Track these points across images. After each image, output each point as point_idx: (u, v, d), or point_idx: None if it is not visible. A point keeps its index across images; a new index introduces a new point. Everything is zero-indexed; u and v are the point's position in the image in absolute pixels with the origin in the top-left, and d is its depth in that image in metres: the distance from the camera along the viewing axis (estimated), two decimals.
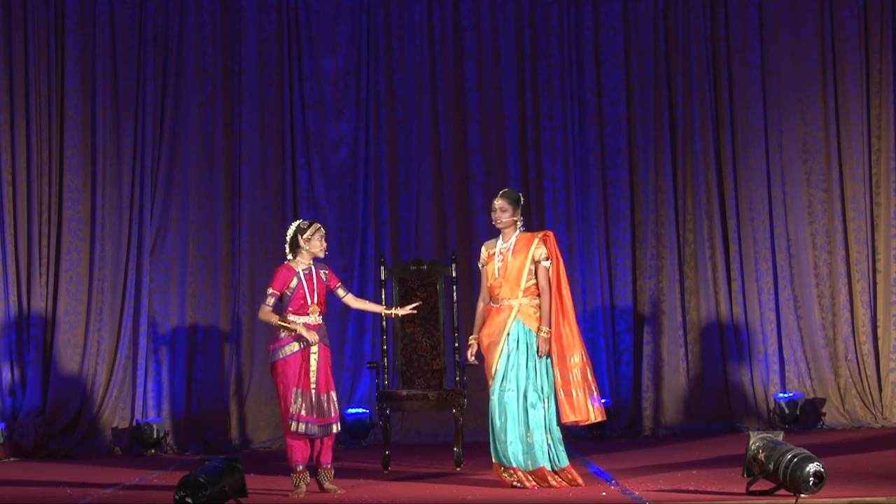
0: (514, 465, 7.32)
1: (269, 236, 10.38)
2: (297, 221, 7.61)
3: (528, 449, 7.31)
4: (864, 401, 10.18)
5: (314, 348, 7.40)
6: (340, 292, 7.63)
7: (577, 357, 7.41)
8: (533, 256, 7.46)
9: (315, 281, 7.48)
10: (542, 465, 7.30)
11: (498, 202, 7.53)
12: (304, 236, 7.47)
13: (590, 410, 7.38)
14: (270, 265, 10.33)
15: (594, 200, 10.48)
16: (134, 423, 9.99)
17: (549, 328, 7.40)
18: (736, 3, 10.52)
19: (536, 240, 7.50)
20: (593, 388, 7.43)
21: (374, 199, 10.44)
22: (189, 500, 6.48)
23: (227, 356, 10.27)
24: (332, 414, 7.44)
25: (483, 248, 7.70)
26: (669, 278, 10.40)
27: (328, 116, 10.51)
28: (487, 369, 7.48)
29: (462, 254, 10.17)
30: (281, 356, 7.40)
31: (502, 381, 7.39)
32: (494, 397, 7.40)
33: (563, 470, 7.39)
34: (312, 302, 7.44)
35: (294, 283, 7.45)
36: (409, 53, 10.53)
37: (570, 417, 7.36)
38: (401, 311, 7.86)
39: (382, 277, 8.92)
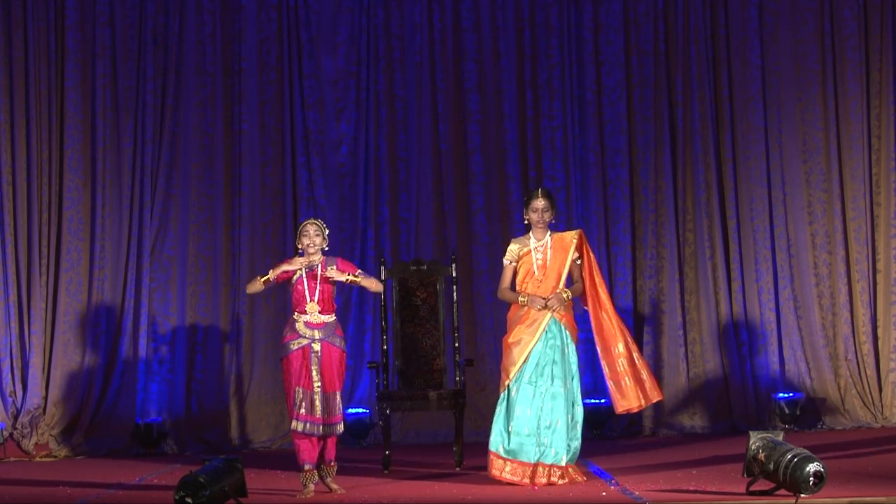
0: (523, 459, 7.34)
1: (269, 236, 10.38)
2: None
3: (542, 443, 7.34)
4: (864, 401, 10.18)
5: (315, 346, 7.37)
6: (358, 272, 7.54)
7: (620, 346, 7.48)
8: (571, 258, 7.57)
9: (319, 279, 7.44)
10: (543, 461, 7.35)
11: (542, 202, 7.61)
12: (297, 237, 7.51)
13: (640, 397, 7.46)
14: (270, 264, 10.31)
15: (594, 200, 10.48)
16: (134, 423, 9.99)
17: (572, 296, 7.56)
18: (736, 3, 10.52)
19: (574, 243, 7.62)
20: (643, 373, 7.48)
21: (374, 199, 10.44)
22: (189, 500, 6.48)
23: (227, 356, 10.27)
24: (337, 414, 7.38)
25: (515, 245, 7.72)
26: (669, 278, 10.41)
27: (328, 116, 10.51)
28: (511, 363, 7.49)
29: (462, 254, 10.18)
30: (283, 353, 7.41)
31: (531, 374, 7.41)
32: (515, 388, 7.42)
33: (566, 467, 7.43)
34: (311, 300, 7.42)
35: (296, 276, 7.44)
36: (409, 53, 10.53)
37: (622, 406, 7.43)
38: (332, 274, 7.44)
39: (382, 277, 8.91)
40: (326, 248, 7.55)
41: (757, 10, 10.51)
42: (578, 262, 7.62)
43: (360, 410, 9.98)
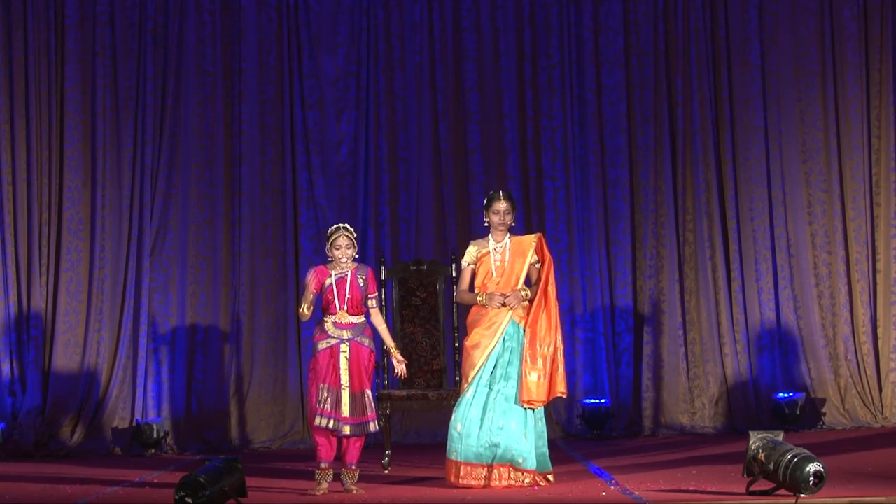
0: (475, 462, 7.31)
1: (269, 236, 10.39)
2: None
3: (495, 444, 7.31)
4: (864, 401, 10.18)
5: (343, 346, 7.37)
6: (369, 303, 7.55)
7: (550, 348, 7.41)
8: (529, 261, 7.54)
9: (348, 287, 7.43)
10: (497, 462, 7.33)
11: (504, 205, 7.58)
12: (328, 245, 7.48)
13: (547, 393, 7.39)
14: (270, 265, 10.35)
15: (594, 200, 10.48)
16: (134, 423, 9.99)
17: (529, 299, 7.47)
18: (736, 3, 10.53)
19: (533, 246, 7.58)
20: (560, 370, 7.44)
21: (374, 199, 10.44)
22: (189, 500, 6.48)
23: (227, 356, 10.28)
24: (368, 413, 7.37)
25: (473, 247, 7.71)
26: (669, 278, 10.41)
27: (328, 116, 10.51)
28: (470, 366, 7.47)
29: (462, 254, 10.15)
30: (313, 353, 7.42)
31: (488, 376, 7.40)
32: (471, 393, 7.40)
33: (533, 472, 7.37)
34: (341, 308, 7.42)
35: (327, 283, 7.44)
36: (409, 53, 10.54)
37: (527, 398, 7.35)
38: (396, 358, 7.67)
39: (382, 277, 8.92)
40: (357, 256, 7.56)
41: (757, 11, 10.51)
42: (538, 265, 7.59)
43: None
